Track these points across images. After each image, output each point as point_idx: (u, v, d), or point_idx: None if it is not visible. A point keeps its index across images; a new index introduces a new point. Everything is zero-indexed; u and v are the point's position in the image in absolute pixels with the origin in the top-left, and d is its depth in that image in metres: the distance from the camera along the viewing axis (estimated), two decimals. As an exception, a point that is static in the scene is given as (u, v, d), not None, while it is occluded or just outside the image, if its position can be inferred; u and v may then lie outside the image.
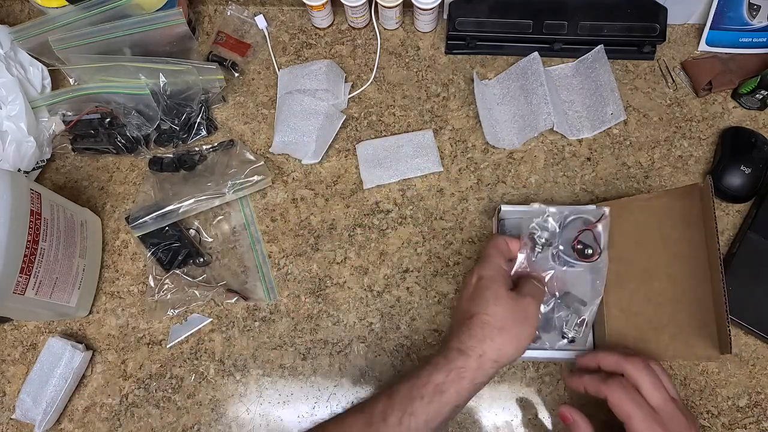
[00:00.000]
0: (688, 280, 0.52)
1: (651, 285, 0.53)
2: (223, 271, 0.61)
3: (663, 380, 0.45)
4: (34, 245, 0.50)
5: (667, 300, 0.52)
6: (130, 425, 0.56)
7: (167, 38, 0.65)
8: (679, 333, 0.51)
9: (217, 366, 0.58)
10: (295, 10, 0.73)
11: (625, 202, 0.55)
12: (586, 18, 0.66)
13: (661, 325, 0.51)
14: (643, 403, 0.43)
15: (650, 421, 0.42)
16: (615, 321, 0.53)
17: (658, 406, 0.43)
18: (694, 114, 0.65)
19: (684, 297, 0.51)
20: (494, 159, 0.64)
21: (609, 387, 0.44)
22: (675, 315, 0.51)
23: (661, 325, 0.51)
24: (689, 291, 0.51)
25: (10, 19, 0.74)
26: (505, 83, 0.67)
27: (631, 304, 0.53)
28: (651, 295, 0.52)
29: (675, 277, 0.52)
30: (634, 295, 0.53)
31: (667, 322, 0.51)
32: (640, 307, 0.52)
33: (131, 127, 0.64)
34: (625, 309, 0.53)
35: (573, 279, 0.53)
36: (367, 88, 0.68)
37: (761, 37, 0.66)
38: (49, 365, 0.56)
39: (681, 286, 0.52)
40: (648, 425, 0.42)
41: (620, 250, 0.54)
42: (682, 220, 0.53)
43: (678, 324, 0.51)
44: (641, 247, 0.54)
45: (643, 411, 0.42)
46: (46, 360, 0.56)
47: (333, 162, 0.65)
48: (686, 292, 0.51)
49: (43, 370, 0.56)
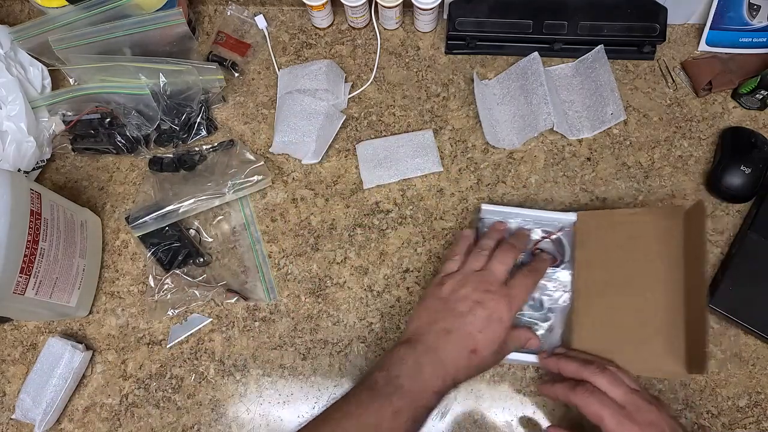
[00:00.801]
0: (660, 298, 0.51)
1: (623, 298, 0.53)
2: (223, 271, 0.61)
3: (621, 376, 0.47)
4: (34, 245, 0.50)
5: (637, 315, 0.52)
6: (130, 425, 0.56)
7: (167, 38, 0.64)
8: (645, 349, 0.51)
9: (217, 366, 0.58)
10: (295, 10, 0.73)
11: (608, 214, 0.56)
12: (586, 18, 0.66)
13: (628, 339, 0.51)
14: (609, 401, 0.44)
15: (619, 416, 0.43)
16: (583, 330, 0.53)
17: (622, 401, 0.44)
18: (694, 114, 0.65)
19: (655, 314, 0.51)
20: (494, 159, 0.64)
21: (576, 395, 0.46)
22: (643, 330, 0.51)
23: (628, 339, 0.51)
24: (661, 309, 0.51)
25: (10, 19, 0.74)
26: (505, 83, 0.67)
27: (602, 315, 0.53)
28: (622, 308, 0.52)
29: (648, 293, 0.52)
30: (605, 307, 0.53)
31: (635, 336, 0.51)
32: (610, 319, 0.52)
33: (131, 127, 0.64)
34: (594, 319, 0.53)
35: (541, 286, 0.55)
36: (367, 88, 0.68)
37: (761, 37, 0.66)
38: (49, 365, 0.56)
39: (653, 304, 0.52)
40: (618, 421, 0.43)
41: (597, 261, 0.54)
42: (664, 239, 0.52)
43: (645, 340, 0.51)
44: (619, 260, 0.54)
45: (611, 409, 0.44)
46: (46, 360, 0.56)
47: (333, 162, 0.65)
48: (658, 310, 0.51)
49: (42, 370, 0.56)
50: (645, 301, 0.52)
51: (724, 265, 0.58)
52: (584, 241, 0.56)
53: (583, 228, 0.56)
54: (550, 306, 0.55)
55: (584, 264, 0.55)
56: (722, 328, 0.56)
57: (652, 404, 0.45)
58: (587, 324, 0.53)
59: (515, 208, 0.58)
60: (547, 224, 0.57)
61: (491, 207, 0.58)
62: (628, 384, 0.46)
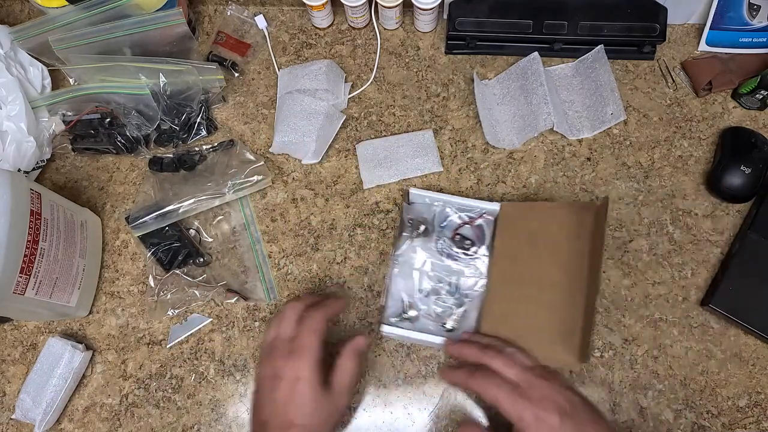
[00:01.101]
0: (566, 290, 0.53)
1: (532, 289, 0.54)
2: (223, 271, 0.61)
3: (517, 356, 0.48)
4: (34, 245, 0.50)
5: (543, 305, 0.53)
6: (130, 425, 0.56)
7: (167, 38, 0.64)
8: (544, 338, 0.52)
9: (217, 366, 0.58)
10: (295, 10, 0.73)
11: (530, 207, 0.58)
12: (586, 18, 0.66)
13: (531, 329, 0.53)
14: (503, 382, 0.45)
15: (513, 395, 0.44)
16: (491, 317, 0.54)
17: (516, 380, 0.45)
18: (694, 114, 0.65)
19: (559, 305, 0.53)
20: (494, 159, 0.64)
21: (474, 380, 0.47)
22: (546, 320, 0.53)
23: (532, 329, 0.53)
24: (565, 300, 0.53)
25: (10, 19, 0.74)
26: (505, 83, 0.67)
27: (509, 304, 0.54)
28: (527, 298, 0.54)
29: (556, 285, 0.54)
30: (513, 296, 0.54)
31: (538, 326, 0.53)
32: (516, 308, 0.54)
33: (131, 127, 0.64)
34: (502, 307, 0.54)
35: (458, 271, 0.57)
36: (367, 88, 0.68)
37: (761, 37, 0.66)
38: (49, 365, 0.56)
39: (559, 295, 0.53)
40: (512, 400, 0.44)
41: (514, 251, 0.56)
42: (576, 233, 0.54)
43: (546, 330, 0.52)
44: (533, 252, 0.55)
45: (505, 389, 0.44)
46: (46, 360, 0.56)
47: (333, 162, 0.65)
48: (562, 301, 0.53)
49: (42, 370, 0.56)
50: (549, 292, 0.54)
51: (724, 265, 0.58)
52: (504, 231, 0.57)
53: (505, 218, 0.58)
54: (465, 291, 0.57)
55: (501, 253, 0.56)
56: (722, 328, 0.56)
57: (546, 379, 0.45)
58: (496, 312, 0.54)
59: (441, 194, 0.59)
60: (470, 211, 0.59)
61: (419, 191, 0.59)
62: (522, 362, 0.47)
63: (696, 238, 0.60)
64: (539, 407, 0.43)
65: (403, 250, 0.57)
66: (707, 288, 0.58)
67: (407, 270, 0.58)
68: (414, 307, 0.56)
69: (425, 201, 0.60)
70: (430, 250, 0.57)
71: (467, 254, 0.57)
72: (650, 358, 0.55)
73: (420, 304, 0.56)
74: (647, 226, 0.60)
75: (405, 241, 0.57)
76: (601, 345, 0.56)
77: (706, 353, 0.56)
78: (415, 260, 0.57)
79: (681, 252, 0.59)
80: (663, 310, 0.57)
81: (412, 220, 0.58)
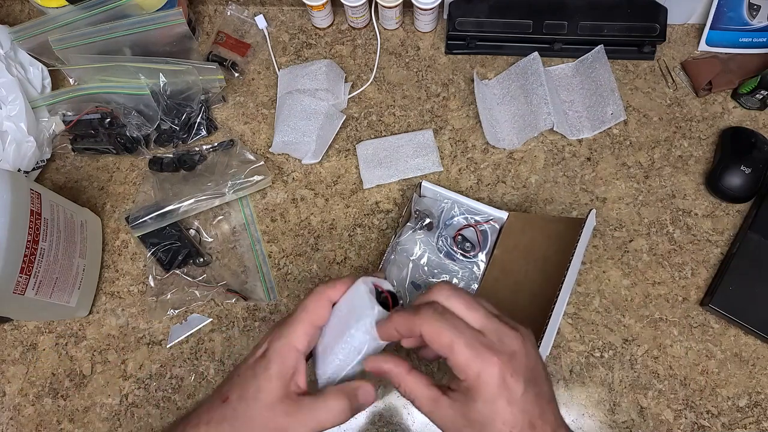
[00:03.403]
0: (543, 302, 0.51)
1: (515, 297, 0.54)
2: (223, 271, 0.61)
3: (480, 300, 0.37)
4: (34, 245, 0.50)
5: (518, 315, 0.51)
6: (130, 425, 0.56)
7: (167, 38, 0.65)
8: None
9: (217, 366, 0.58)
10: (295, 10, 0.73)
11: (532, 218, 0.58)
12: (586, 18, 0.66)
13: None
14: (464, 326, 0.34)
15: (476, 344, 0.33)
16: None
17: (481, 326, 0.34)
18: (694, 114, 0.65)
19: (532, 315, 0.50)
20: (494, 159, 0.64)
21: (421, 317, 0.34)
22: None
23: None
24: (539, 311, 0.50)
25: (10, 19, 0.74)
26: (505, 83, 0.67)
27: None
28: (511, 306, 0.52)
29: (535, 296, 0.53)
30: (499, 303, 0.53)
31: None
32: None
33: (131, 127, 0.64)
34: None
35: (453, 271, 0.57)
36: (367, 88, 0.68)
37: (761, 37, 0.66)
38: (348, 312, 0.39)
39: (536, 305, 0.51)
40: (474, 350, 0.32)
41: (507, 260, 0.56)
42: (560, 247, 0.53)
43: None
44: (524, 262, 0.55)
45: (466, 335, 0.33)
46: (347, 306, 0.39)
47: (333, 162, 0.65)
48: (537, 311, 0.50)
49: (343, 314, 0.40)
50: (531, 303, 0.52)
51: (724, 265, 0.58)
52: (505, 240, 0.57)
53: (509, 228, 0.58)
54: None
55: (498, 261, 0.57)
56: (722, 328, 0.56)
57: (518, 331, 0.35)
58: None
59: (452, 192, 0.59)
60: (477, 215, 0.59)
61: (431, 186, 0.59)
62: (486, 307, 0.36)
63: (696, 238, 0.60)
64: (508, 367, 0.32)
65: (404, 238, 0.57)
66: (707, 288, 0.58)
67: (404, 259, 0.57)
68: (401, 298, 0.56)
69: (435, 196, 0.60)
70: (430, 246, 0.57)
71: (466, 256, 0.57)
72: (650, 358, 0.55)
73: (408, 296, 0.56)
74: (647, 226, 0.60)
75: (408, 230, 0.57)
76: (601, 345, 0.56)
77: (706, 353, 0.56)
78: (414, 251, 0.57)
79: (681, 252, 0.59)
80: (663, 310, 0.57)
81: (419, 212, 0.58)
